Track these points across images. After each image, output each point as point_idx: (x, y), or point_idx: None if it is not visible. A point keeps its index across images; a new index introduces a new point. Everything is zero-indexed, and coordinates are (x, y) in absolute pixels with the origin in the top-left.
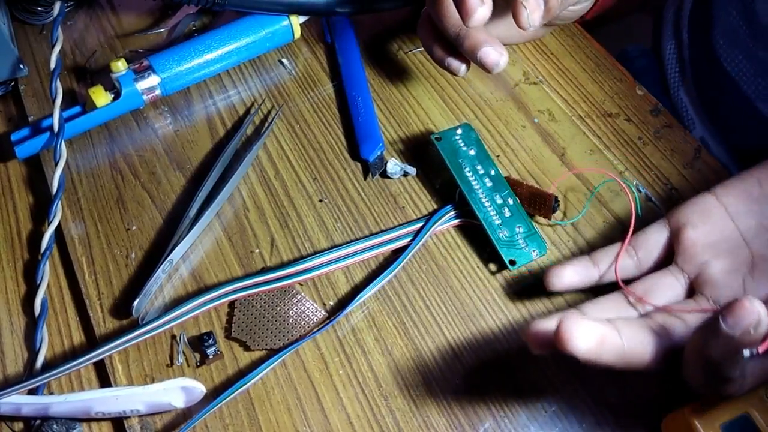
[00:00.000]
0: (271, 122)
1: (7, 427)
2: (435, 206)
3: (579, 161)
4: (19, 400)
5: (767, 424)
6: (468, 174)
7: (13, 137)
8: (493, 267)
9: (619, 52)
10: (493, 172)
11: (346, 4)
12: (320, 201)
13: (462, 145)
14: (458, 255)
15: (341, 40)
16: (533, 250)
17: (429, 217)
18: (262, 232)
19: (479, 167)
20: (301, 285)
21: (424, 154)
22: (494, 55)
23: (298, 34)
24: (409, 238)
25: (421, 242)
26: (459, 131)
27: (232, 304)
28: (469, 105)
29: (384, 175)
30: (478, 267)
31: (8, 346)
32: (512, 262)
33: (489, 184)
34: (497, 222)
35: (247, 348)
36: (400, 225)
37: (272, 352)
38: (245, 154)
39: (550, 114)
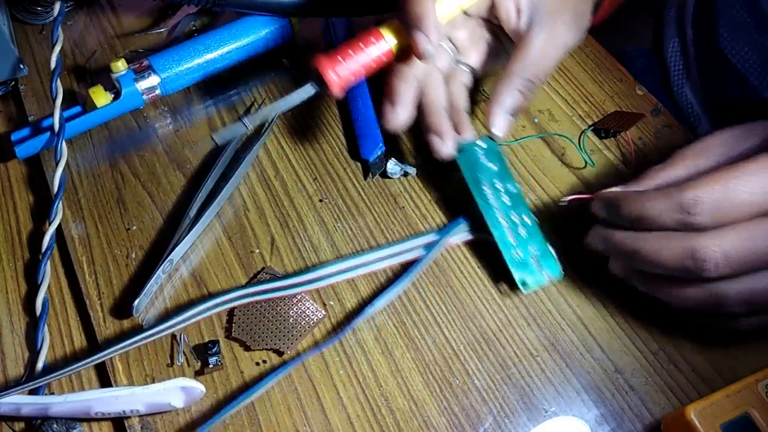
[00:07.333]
0: (271, 122)
1: (7, 426)
2: (435, 207)
3: (579, 161)
4: (19, 400)
5: (767, 424)
6: (486, 189)
7: (14, 137)
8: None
9: (619, 52)
10: (513, 190)
11: (345, 6)
12: (320, 201)
13: (483, 159)
14: (458, 255)
15: (341, 40)
16: (546, 272)
17: (440, 231)
18: (263, 232)
19: (498, 183)
20: None
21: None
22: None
23: (298, 33)
24: (416, 254)
25: (431, 257)
26: (482, 144)
27: None
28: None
29: (384, 175)
30: (478, 267)
31: (9, 346)
32: (525, 284)
33: (507, 201)
34: (512, 241)
35: (247, 348)
36: (409, 237)
37: (277, 362)
38: (245, 154)
39: (550, 114)
